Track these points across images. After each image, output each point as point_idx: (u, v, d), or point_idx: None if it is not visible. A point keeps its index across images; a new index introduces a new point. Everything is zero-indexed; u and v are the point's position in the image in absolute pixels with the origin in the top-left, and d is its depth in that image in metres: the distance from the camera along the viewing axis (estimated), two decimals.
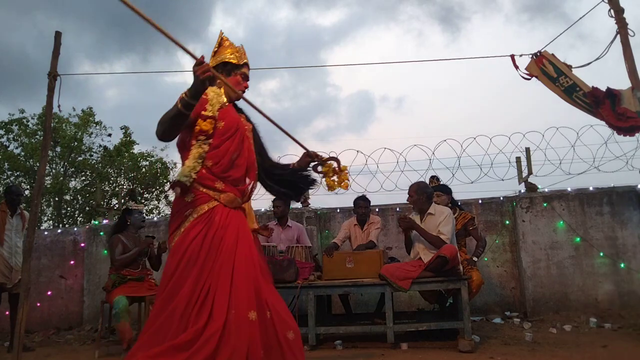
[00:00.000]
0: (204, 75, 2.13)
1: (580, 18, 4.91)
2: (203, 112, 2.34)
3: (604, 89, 4.63)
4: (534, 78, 4.97)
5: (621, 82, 4.58)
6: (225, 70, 2.51)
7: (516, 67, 5.02)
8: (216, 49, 2.60)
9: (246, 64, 2.57)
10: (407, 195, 4.56)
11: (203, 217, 2.26)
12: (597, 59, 4.72)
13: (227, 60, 2.53)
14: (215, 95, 2.43)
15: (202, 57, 2.17)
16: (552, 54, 4.84)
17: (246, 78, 2.56)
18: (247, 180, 2.47)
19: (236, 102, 2.59)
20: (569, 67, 4.79)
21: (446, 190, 5.13)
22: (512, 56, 5.01)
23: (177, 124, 2.25)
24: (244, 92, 2.53)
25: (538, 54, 4.90)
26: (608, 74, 4.71)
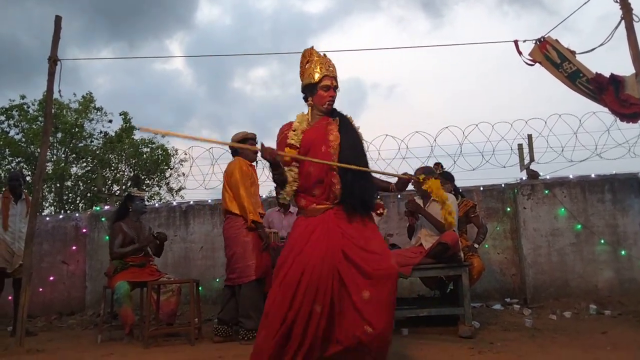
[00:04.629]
0: (272, 157, 2.53)
1: (582, 6, 4.85)
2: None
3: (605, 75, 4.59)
4: (537, 64, 4.93)
5: (615, 68, 4.55)
6: (309, 91, 2.77)
7: (519, 52, 4.97)
8: (301, 70, 2.80)
9: (325, 76, 2.72)
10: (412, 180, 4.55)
11: None
12: (602, 44, 4.67)
13: (306, 83, 2.76)
14: (299, 122, 2.77)
15: (262, 144, 2.55)
16: (556, 40, 4.79)
17: (327, 88, 2.73)
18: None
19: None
20: (573, 53, 4.74)
21: (449, 177, 5.13)
22: (516, 42, 4.96)
23: (277, 181, 2.69)
24: (329, 103, 2.74)
25: (542, 39, 4.85)
26: (601, 61, 4.67)
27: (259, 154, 2.74)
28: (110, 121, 17.51)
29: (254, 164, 4.59)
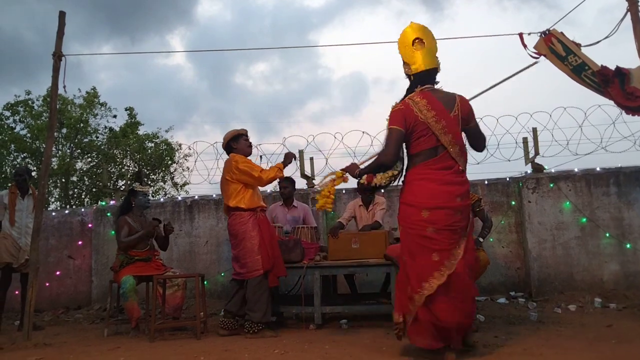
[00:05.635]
0: None
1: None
2: None
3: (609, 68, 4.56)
4: (542, 57, 4.89)
5: (617, 63, 4.51)
6: None
7: (524, 45, 4.93)
8: None
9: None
10: None
11: None
12: (607, 37, 4.64)
13: None
14: None
15: None
16: (561, 33, 4.75)
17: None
18: None
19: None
20: (578, 45, 4.70)
21: None
22: (521, 34, 4.92)
23: None
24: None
25: (547, 32, 4.81)
26: (603, 55, 4.62)
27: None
28: (115, 116, 17.57)
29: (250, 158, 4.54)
